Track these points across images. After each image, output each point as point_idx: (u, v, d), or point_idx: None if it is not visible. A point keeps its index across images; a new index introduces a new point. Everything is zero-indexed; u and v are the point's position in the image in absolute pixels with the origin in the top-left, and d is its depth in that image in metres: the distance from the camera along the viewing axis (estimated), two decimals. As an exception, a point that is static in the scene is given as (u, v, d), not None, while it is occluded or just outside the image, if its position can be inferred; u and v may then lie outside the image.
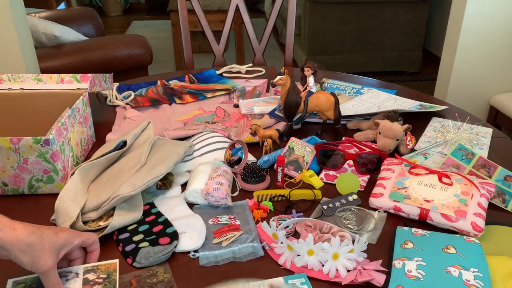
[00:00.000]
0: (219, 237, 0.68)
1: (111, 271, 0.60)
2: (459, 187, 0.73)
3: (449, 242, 0.63)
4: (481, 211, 0.69)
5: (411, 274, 0.58)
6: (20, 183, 0.78)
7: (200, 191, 0.76)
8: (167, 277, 0.60)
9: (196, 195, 0.76)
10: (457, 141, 0.92)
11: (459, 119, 1.05)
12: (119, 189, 0.70)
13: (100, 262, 0.61)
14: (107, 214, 0.71)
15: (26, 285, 0.58)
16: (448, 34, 2.04)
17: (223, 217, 0.73)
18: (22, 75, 0.96)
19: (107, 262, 0.61)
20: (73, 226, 0.67)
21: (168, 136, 0.95)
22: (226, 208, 0.75)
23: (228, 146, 0.87)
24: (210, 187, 0.75)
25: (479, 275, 0.57)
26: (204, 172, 0.80)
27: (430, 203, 0.71)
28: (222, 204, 0.74)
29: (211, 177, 0.77)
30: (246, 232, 0.69)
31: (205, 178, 0.78)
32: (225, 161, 0.86)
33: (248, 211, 0.75)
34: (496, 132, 1.00)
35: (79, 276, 0.58)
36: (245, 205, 0.76)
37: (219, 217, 0.73)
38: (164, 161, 0.76)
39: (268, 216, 0.74)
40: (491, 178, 0.80)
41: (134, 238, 0.68)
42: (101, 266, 0.60)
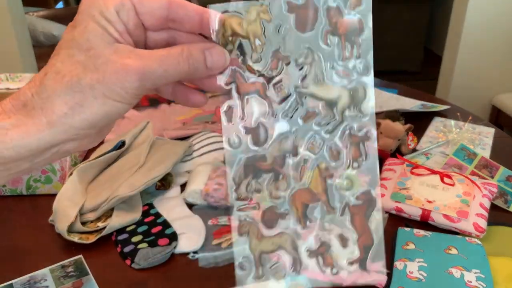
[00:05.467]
0: (218, 238, 0.68)
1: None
2: (461, 188, 0.72)
3: (451, 243, 0.63)
4: (483, 211, 0.69)
5: (412, 275, 0.57)
6: (18, 183, 0.78)
7: (199, 191, 0.75)
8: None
9: (195, 195, 0.76)
10: (459, 141, 0.91)
11: (461, 119, 1.04)
12: (118, 190, 0.70)
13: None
14: (105, 214, 0.71)
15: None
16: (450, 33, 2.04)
17: (222, 218, 0.72)
18: (20, 75, 0.96)
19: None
20: (71, 227, 0.67)
21: (167, 136, 0.94)
22: (226, 209, 0.75)
23: (227, 146, 0.87)
24: (209, 187, 0.74)
25: (481, 276, 0.57)
26: (203, 172, 0.79)
27: (432, 204, 0.70)
28: (221, 204, 0.74)
29: (210, 178, 0.77)
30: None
31: (205, 178, 0.77)
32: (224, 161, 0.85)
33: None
34: (498, 132, 0.99)
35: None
36: (245, 206, 0.76)
37: (218, 218, 0.72)
38: (163, 162, 0.76)
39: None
40: (493, 178, 0.79)
41: (133, 239, 0.67)
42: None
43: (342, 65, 0.35)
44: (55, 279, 0.61)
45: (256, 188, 0.40)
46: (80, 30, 0.27)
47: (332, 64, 0.35)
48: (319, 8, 0.33)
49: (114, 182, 0.73)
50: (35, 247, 0.68)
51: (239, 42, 0.33)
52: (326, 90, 0.36)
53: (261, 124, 0.37)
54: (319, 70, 0.35)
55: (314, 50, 0.34)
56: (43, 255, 0.66)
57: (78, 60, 0.27)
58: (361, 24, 0.34)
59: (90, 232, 0.68)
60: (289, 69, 0.35)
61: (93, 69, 0.27)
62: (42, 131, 0.27)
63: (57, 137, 0.28)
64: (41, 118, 0.27)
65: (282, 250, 0.44)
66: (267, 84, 0.35)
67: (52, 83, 0.27)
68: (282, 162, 0.39)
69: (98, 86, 0.27)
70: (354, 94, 0.36)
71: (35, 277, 0.61)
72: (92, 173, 0.78)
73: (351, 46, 0.34)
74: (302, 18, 0.33)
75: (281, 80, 0.36)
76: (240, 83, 0.34)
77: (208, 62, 0.30)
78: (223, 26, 0.31)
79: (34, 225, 0.72)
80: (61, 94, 0.27)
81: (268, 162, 0.39)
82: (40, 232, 0.71)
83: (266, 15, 0.32)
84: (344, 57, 0.35)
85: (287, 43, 0.34)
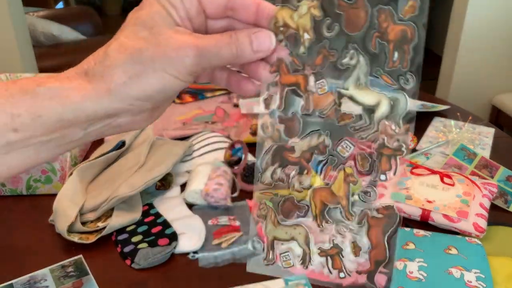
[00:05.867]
0: (218, 238, 0.67)
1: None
2: (461, 188, 0.72)
3: (451, 243, 0.63)
4: (483, 211, 0.69)
5: (412, 275, 0.57)
6: (18, 183, 0.78)
7: (199, 191, 0.75)
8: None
9: (195, 195, 0.75)
10: (459, 141, 0.91)
11: (461, 119, 1.04)
12: (118, 190, 0.70)
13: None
14: (105, 214, 0.71)
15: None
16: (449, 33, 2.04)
17: (222, 218, 0.72)
18: (20, 75, 0.96)
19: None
20: (71, 227, 0.67)
21: (167, 136, 0.94)
22: (225, 209, 0.75)
23: (227, 146, 0.87)
24: (209, 187, 0.74)
25: (481, 276, 0.57)
26: (203, 172, 0.79)
27: (432, 204, 0.70)
28: (221, 204, 0.74)
29: (210, 178, 0.77)
30: (246, 233, 0.68)
31: (205, 178, 0.77)
32: (224, 161, 0.85)
33: (248, 212, 0.74)
34: (498, 132, 0.99)
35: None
36: (245, 206, 0.75)
37: (218, 218, 0.72)
38: (163, 161, 0.76)
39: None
40: (493, 178, 0.79)
41: (133, 239, 0.67)
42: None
43: (387, 72, 0.34)
44: (55, 279, 0.61)
45: (280, 177, 0.41)
46: (145, 10, 0.29)
47: (377, 70, 0.34)
48: (370, 10, 0.32)
49: (114, 182, 0.73)
50: (35, 247, 0.68)
51: (289, 34, 0.33)
52: (366, 95, 0.35)
53: (296, 117, 0.37)
54: (362, 73, 0.35)
55: (360, 52, 0.34)
56: (43, 255, 0.66)
57: (141, 36, 0.29)
58: (412, 32, 0.32)
59: (90, 232, 0.68)
60: (332, 67, 0.35)
61: (155, 44, 0.28)
62: (100, 97, 0.28)
63: (114, 105, 0.29)
64: (100, 85, 0.28)
65: (294, 242, 0.45)
66: (309, 79, 0.35)
67: (115, 54, 0.29)
68: (309, 157, 0.40)
69: (158, 59, 0.28)
70: (395, 104, 0.35)
71: (35, 277, 0.61)
72: (92, 173, 0.78)
73: (399, 54, 0.33)
74: (352, 18, 0.32)
75: (323, 77, 0.36)
76: (284, 74, 0.34)
77: (254, 45, 0.31)
78: (275, 16, 0.32)
79: (34, 225, 0.72)
80: (122, 64, 0.28)
81: (296, 155, 0.40)
82: (40, 232, 0.71)
83: (316, 10, 0.33)
84: (391, 64, 0.33)
85: (335, 42, 0.34)
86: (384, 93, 0.35)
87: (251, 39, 0.31)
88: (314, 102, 0.36)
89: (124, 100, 0.29)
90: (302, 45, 0.34)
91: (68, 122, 0.29)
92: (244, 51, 0.31)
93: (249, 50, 0.31)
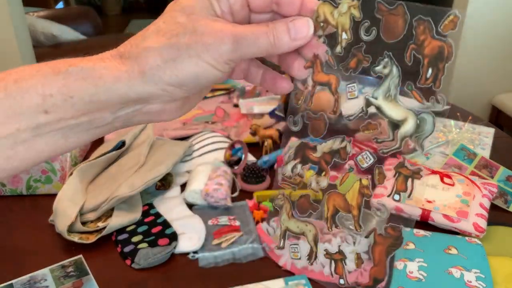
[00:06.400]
0: (218, 238, 0.67)
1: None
2: (461, 188, 0.72)
3: (451, 243, 0.63)
4: (483, 211, 0.69)
5: (412, 275, 0.57)
6: (18, 184, 0.78)
7: (199, 191, 0.75)
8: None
9: (195, 195, 0.75)
10: (459, 141, 0.91)
11: (461, 119, 1.04)
12: (118, 190, 0.70)
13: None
14: (105, 214, 0.71)
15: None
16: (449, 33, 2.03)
17: (222, 218, 0.72)
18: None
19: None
20: (71, 227, 0.67)
21: (167, 136, 0.94)
22: (225, 209, 0.75)
23: (227, 146, 0.87)
24: (209, 187, 0.74)
25: (481, 276, 0.57)
26: (203, 172, 0.79)
27: (432, 204, 0.70)
28: (221, 204, 0.74)
29: (210, 178, 0.77)
30: (246, 233, 0.68)
31: (205, 178, 0.77)
32: (224, 161, 0.85)
33: (248, 212, 0.74)
34: (498, 132, 0.99)
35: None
36: (245, 206, 0.75)
37: (218, 218, 0.72)
38: (163, 161, 0.76)
39: (269, 217, 0.74)
40: (493, 178, 0.79)
41: (133, 239, 0.67)
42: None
43: (418, 88, 0.32)
44: (55, 279, 0.61)
45: (300, 173, 0.41)
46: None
47: (408, 84, 0.32)
48: (409, 19, 0.30)
49: (114, 182, 0.73)
50: (35, 247, 0.68)
51: (328, 33, 0.32)
52: (394, 109, 0.34)
53: (323, 117, 0.37)
54: (393, 84, 0.33)
55: (394, 62, 0.32)
56: (43, 255, 0.66)
57: (179, 21, 0.28)
58: (449, 50, 0.30)
59: (90, 232, 0.68)
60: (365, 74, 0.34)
61: (192, 30, 0.28)
62: (133, 79, 0.28)
63: (146, 89, 0.28)
64: (134, 66, 0.28)
65: (303, 238, 0.45)
66: (340, 80, 0.34)
67: (152, 37, 0.28)
68: (329, 159, 0.40)
69: (195, 46, 0.28)
70: (421, 124, 0.33)
71: (35, 277, 0.61)
72: (92, 173, 0.78)
73: (433, 71, 0.31)
74: (390, 24, 0.31)
75: (355, 81, 0.35)
76: (317, 71, 0.34)
77: (291, 33, 0.30)
78: (317, 10, 0.32)
79: (34, 225, 0.72)
80: (159, 47, 0.28)
81: (317, 155, 0.40)
82: (40, 232, 0.71)
83: (356, 11, 0.32)
84: (423, 81, 0.31)
85: (370, 47, 0.33)
86: (412, 111, 0.33)
87: (289, 27, 0.30)
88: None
89: (157, 84, 0.28)
90: (339, 45, 0.33)
91: (99, 104, 0.28)
92: (282, 39, 0.30)
93: (287, 38, 0.30)
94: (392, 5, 0.31)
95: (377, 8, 0.31)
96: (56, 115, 0.28)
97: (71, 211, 0.67)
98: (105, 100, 0.28)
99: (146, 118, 0.31)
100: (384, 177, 0.38)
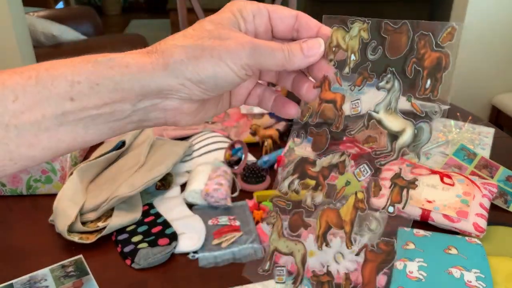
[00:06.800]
0: (218, 238, 0.67)
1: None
2: (460, 188, 0.72)
3: (451, 243, 0.63)
4: (483, 211, 0.69)
5: (412, 275, 0.57)
6: (18, 183, 0.78)
7: (199, 191, 0.75)
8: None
9: (195, 195, 0.75)
10: (459, 141, 0.91)
11: (461, 119, 1.04)
12: (118, 190, 0.70)
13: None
14: (105, 214, 0.71)
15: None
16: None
17: (222, 218, 0.72)
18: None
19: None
20: (71, 227, 0.67)
21: (167, 136, 0.94)
22: (225, 209, 0.75)
23: (227, 146, 0.87)
24: (209, 187, 0.74)
25: (481, 276, 0.57)
26: (203, 172, 0.79)
27: (432, 204, 0.70)
28: (221, 204, 0.74)
29: (210, 178, 0.77)
30: (246, 233, 0.68)
31: (205, 178, 0.77)
32: (224, 161, 0.85)
33: (248, 212, 0.74)
34: (498, 132, 0.99)
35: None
36: (245, 206, 0.75)
37: (218, 218, 0.72)
38: (163, 161, 0.76)
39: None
40: (493, 178, 0.79)
41: (133, 239, 0.67)
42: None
43: (418, 99, 0.34)
44: (55, 279, 0.61)
45: (296, 189, 0.41)
46: (217, 15, 0.33)
47: (409, 96, 0.33)
48: (411, 35, 0.32)
49: (114, 182, 0.73)
50: (35, 247, 0.68)
51: (340, 58, 0.35)
52: (393, 121, 0.35)
53: (325, 132, 0.38)
54: (394, 98, 0.35)
55: (396, 76, 0.34)
56: (43, 255, 0.66)
57: (207, 28, 0.32)
58: (447, 60, 0.32)
59: (90, 232, 0.68)
60: (369, 89, 0.35)
61: (217, 36, 0.31)
62: (156, 70, 0.30)
63: (167, 81, 0.31)
64: (158, 59, 0.30)
65: (291, 258, 0.44)
66: (345, 98, 0.36)
67: (180, 38, 0.31)
68: (327, 174, 0.40)
69: (218, 48, 0.31)
70: (418, 133, 0.34)
71: (35, 277, 0.61)
72: (92, 173, 0.78)
73: (431, 82, 0.33)
74: (395, 42, 0.33)
75: (359, 98, 0.36)
76: (325, 90, 0.36)
77: (304, 50, 0.33)
78: (330, 36, 0.34)
79: (34, 225, 0.73)
80: (185, 45, 0.31)
81: (316, 169, 0.40)
82: (40, 232, 0.71)
83: (365, 33, 0.34)
84: (422, 91, 0.33)
85: (375, 64, 0.34)
86: (410, 121, 0.34)
87: (302, 46, 0.33)
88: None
89: (178, 77, 0.30)
90: (347, 66, 0.35)
91: (121, 93, 0.30)
92: (296, 55, 0.33)
93: (300, 54, 0.33)
94: (397, 24, 0.32)
95: (384, 29, 0.33)
96: (81, 103, 0.29)
97: (71, 211, 0.67)
98: (128, 89, 0.30)
99: (162, 115, 0.33)
100: (380, 190, 0.39)
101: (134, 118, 0.32)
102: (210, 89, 0.32)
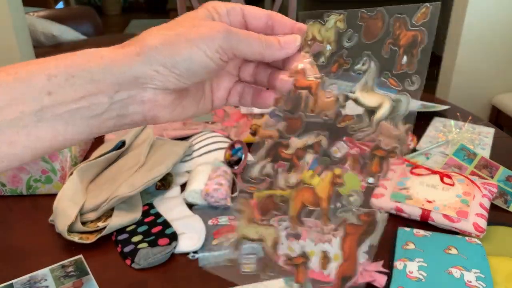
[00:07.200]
0: (218, 238, 0.67)
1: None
2: (461, 188, 0.72)
3: (451, 243, 0.63)
4: (483, 211, 0.69)
5: (412, 275, 0.57)
6: (18, 183, 0.78)
7: (199, 191, 0.75)
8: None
9: (195, 195, 0.75)
10: (459, 141, 0.91)
11: (461, 119, 1.04)
12: (118, 190, 0.70)
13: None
14: (105, 214, 0.71)
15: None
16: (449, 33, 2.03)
17: (222, 218, 0.72)
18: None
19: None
20: (71, 227, 0.67)
21: (167, 136, 0.94)
22: (225, 209, 0.75)
23: (227, 146, 0.87)
24: (209, 187, 0.74)
25: (481, 276, 0.57)
26: (203, 172, 0.79)
27: (432, 204, 0.70)
28: (221, 204, 0.74)
29: (210, 178, 0.77)
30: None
31: (205, 178, 0.77)
32: (224, 161, 0.85)
33: (248, 212, 0.74)
34: (498, 132, 0.99)
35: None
36: (245, 206, 0.76)
37: (218, 218, 0.72)
38: (163, 161, 0.76)
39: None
40: (493, 178, 0.79)
41: (133, 239, 0.67)
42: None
43: (394, 75, 0.35)
44: (55, 279, 0.61)
45: (269, 172, 0.41)
46: (192, 11, 0.34)
47: (385, 74, 0.35)
48: (388, 20, 0.34)
49: (114, 182, 0.73)
50: (35, 247, 0.68)
51: (316, 50, 0.36)
52: (369, 97, 0.36)
53: (300, 116, 0.38)
54: (371, 78, 0.36)
55: (372, 58, 0.35)
56: (43, 255, 0.66)
57: (180, 19, 0.33)
58: (422, 37, 0.33)
59: (90, 232, 0.68)
60: (345, 74, 0.37)
61: (191, 25, 0.32)
62: (130, 58, 0.31)
63: (141, 68, 0.31)
64: (132, 49, 0.31)
65: (262, 244, 0.43)
66: (321, 84, 0.37)
67: (155, 29, 0.32)
68: (302, 155, 0.40)
69: (192, 34, 0.31)
70: (396, 105, 0.36)
71: (35, 277, 0.61)
72: (92, 173, 0.78)
73: (408, 58, 0.34)
74: (370, 28, 0.34)
75: (335, 83, 0.37)
76: (300, 78, 0.36)
77: (281, 42, 0.34)
78: (307, 32, 0.35)
79: (34, 225, 0.72)
80: (159, 33, 0.31)
81: (289, 151, 0.41)
82: (40, 232, 0.71)
83: (341, 23, 0.35)
84: (399, 67, 0.34)
85: (352, 50, 0.35)
86: (388, 95, 0.35)
87: (278, 39, 0.34)
88: (322, 106, 0.37)
89: (151, 64, 0.31)
90: (323, 56, 0.36)
91: (97, 84, 0.30)
92: (272, 45, 0.34)
93: (277, 45, 0.34)
94: (373, 12, 0.34)
95: (360, 17, 0.34)
96: (58, 96, 0.29)
97: (71, 211, 0.67)
98: (103, 79, 0.30)
99: (140, 109, 0.33)
100: (359, 163, 0.39)
101: (112, 114, 0.32)
102: (185, 75, 0.32)
